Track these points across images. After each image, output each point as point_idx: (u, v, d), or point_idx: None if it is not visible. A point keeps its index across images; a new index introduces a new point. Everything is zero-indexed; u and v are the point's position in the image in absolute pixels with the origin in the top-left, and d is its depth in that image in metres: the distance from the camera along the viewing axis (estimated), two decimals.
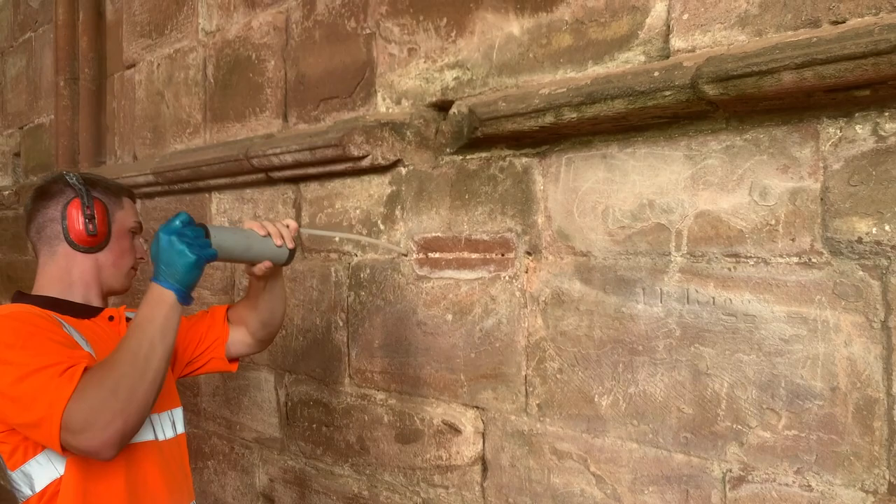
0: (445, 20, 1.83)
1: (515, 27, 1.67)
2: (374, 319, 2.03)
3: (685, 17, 1.38)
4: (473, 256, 1.77)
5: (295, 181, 2.27)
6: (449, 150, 1.80)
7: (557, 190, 1.60)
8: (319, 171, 2.11)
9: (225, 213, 2.59)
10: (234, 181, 2.45)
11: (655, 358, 1.43)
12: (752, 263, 1.30)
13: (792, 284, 1.25)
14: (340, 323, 2.14)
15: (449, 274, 1.82)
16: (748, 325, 1.30)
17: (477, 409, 1.77)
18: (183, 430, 1.51)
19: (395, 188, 1.96)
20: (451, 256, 1.82)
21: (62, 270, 1.38)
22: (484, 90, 1.74)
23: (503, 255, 1.70)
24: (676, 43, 1.39)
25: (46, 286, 1.38)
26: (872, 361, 1.18)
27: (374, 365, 2.04)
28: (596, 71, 1.51)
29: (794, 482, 1.25)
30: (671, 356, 1.41)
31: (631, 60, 1.47)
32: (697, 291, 1.37)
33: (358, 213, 2.07)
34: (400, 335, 1.95)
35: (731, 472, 1.33)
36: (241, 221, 2.50)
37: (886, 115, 1.15)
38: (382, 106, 2.01)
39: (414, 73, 1.92)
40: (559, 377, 1.60)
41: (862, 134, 1.18)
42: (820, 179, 1.22)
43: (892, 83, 1.09)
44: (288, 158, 2.12)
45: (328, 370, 2.19)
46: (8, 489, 1.34)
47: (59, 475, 1.24)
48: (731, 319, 1.33)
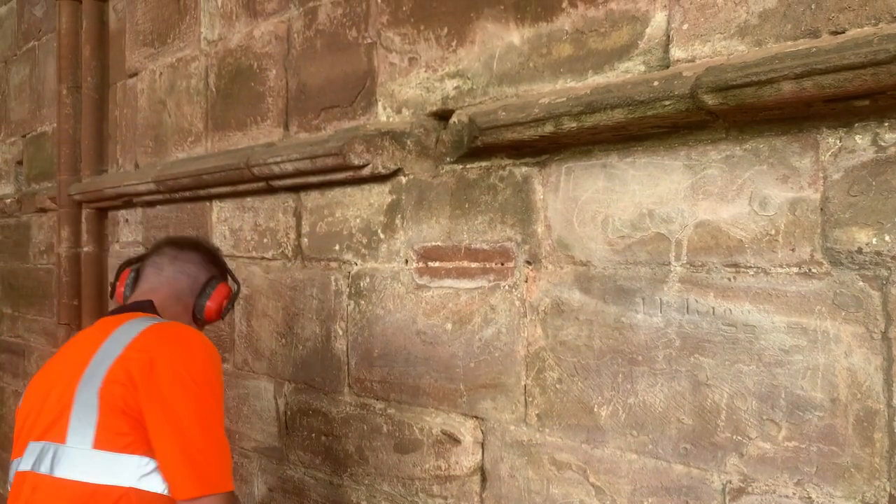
0: (446, 30, 1.84)
1: (516, 37, 1.68)
2: (373, 328, 2.03)
3: (685, 27, 1.38)
4: (473, 266, 1.77)
5: (295, 190, 2.27)
6: (449, 159, 1.80)
7: (557, 199, 1.60)
8: (320, 179, 2.11)
9: (225, 221, 2.59)
10: (234, 190, 2.45)
11: (655, 368, 1.43)
12: (751, 273, 1.30)
13: (792, 295, 1.25)
14: (340, 332, 2.14)
15: (448, 283, 1.82)
16: (748, 335, 1.30)
17: (476, 419, 1.77)
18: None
19: (395, 197, 1.96)
20: (450, 266, 1.82)
21: (175, 314, 1.59)
22: (484, 99, 1.74)
23: (503, 264, 1.70)
24: (676, 53, 1.39)
25: (162, 309, 1.57)
26: (873, 372, 1.17)
27: (373, 374, 2.03)
28: (596, 80, 1.52)
29: (794, 494, 1.24)
30: (671, 366, 1.40)
31: (631, 70, 1.47)
32: (697, 301, 1.37)
33: (358, 221, 2.07)
34: (399, 344, 1.95)
35: (730, 483, 1.32)
36: (241, 230, 2.51)
37: (886, 125, 1.16)
38: (383, 115, 2.02)
39: (414, 82, 1.92)
40: (559, 387, 1.59)
41: (862, 144, 1.18)
42: (820, 189, 1.22)
43: (891, 93, 1.09)
44: (289, 167, 2.13)
45: (328, 379, 2.18)
46: None
47: (164, 492, 1.30)
48: (731, 330, 1.32)
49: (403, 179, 1.94)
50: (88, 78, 3.40)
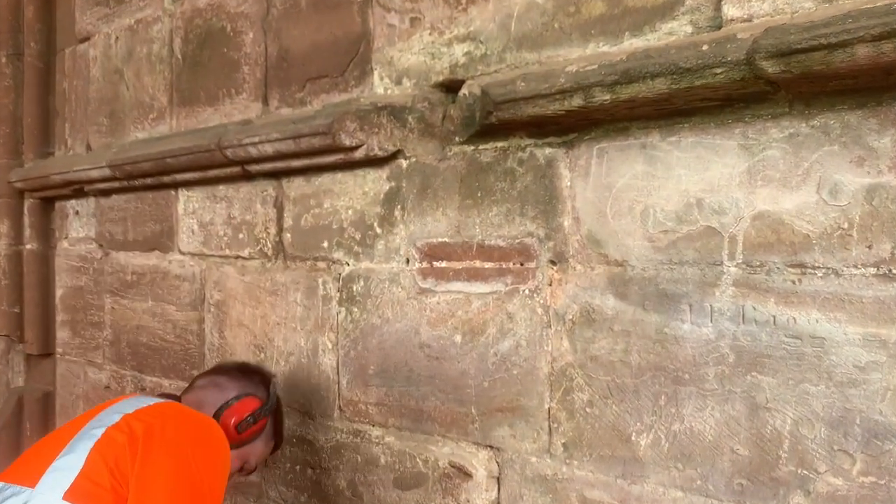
0: None
1: None
2: (368, 341, 2.03)
3: None
4: (487, 266, 1.77)
5: (276, 176, 2.28)
6: (458, 138, 1.81)
7: (587, 187, 1.60)
8: (305, 163, 2.12)
9: (194, 213, 2.60)
10: (204, 176, 2.46)
11: (704, 389, 1.43)
12: (820, 275, 1.29)
13: (869, 301, 1.24)
14: (329, 345, 2.15)
15: (458, 287, 1.82)
16: (816, 349, 1.29)
17: (491, 448, 1.77)
18: None
19: (394, 184, 1.97)
20: (460, 266, 1.82)
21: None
22: (500, 67, 1.74)
23: (522, 264, 1.70)
24: (730, 11, 1.39)
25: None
26: None
27: (368, 395, 2.04)
28: (634, 44, 1.51)
29: None
30: (723, 387, 1.40)
31: (675, 32, 1.47)
32: (755, 309, 1.36)
33: (350, 213, 2.08)
34: (399, 360, 1.96)
35: None
36: (212, 224, 2.52)
37: None
38: (380, 86, 2.02)
39: (417, 47, 1.92)
40: (589, 411, 1.59)
41: None
42: None
43: None
44: (268, 149, 2.13)
45: (314, 401, 2.19)
46: None
47: None
48: (795, 343, 1.32)
49: (404, 163, 1.95)
50: (31, 43, 3.42)
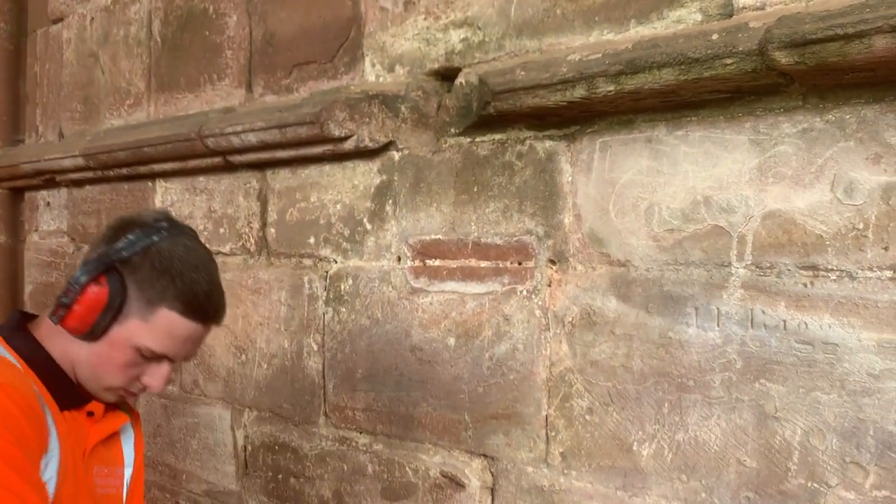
0: None
1: None
2: (357, 343, 2.03)
3: None
4: (483, 265, 1.77)
5: (260, 167, 2.28)
6: (454, 130, 1.81)
7: (589, 182, 1.60)
8: (291, 154, 2.11)
9: (172, 206, 2.60)
10: (184, 166, 2.46)
11: (710, 396, 1.43)
12: (833, 278, 1.30)
13: (884, 305, 1.25)
14: (315, 347, 2.15)
15: (452, 287, 1.82)
16: (828, 355, 1.30)
17: (485, 457, 1.77)
18: None
19: (385, 178, 1.97)
20: (454, 265, 1.82)
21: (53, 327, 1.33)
22: (499, 55, 1.74)
23: (520, 263, 1.71)
24: None
25: (53, 338, 1.33)
26: None
27: (356, 401, 2.04)
28: (640, 32, 1.52)
29: None
30: (730, 394, 1.41)
31: (684, 19, 1.47)
32: (764, 313, 1.37)
33: (339, 208, 2.08)
34: (389, 363, 1.96)
35: None
36: (191, 217, 2.52)
37: None
38: (371, 74, 2.02)
39: (411, 32, 1.92)
40: (589, 419, 1.59)
41: None
42: None
43: None
44: (252, 138, 2.13)
45: (298, 406, 2.19)
46: None
47: None
48: (806, 349, 1.32)
49: (396, 155, 1.95)
50: (1, 24, 3.41)
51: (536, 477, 1.68)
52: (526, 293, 1.70)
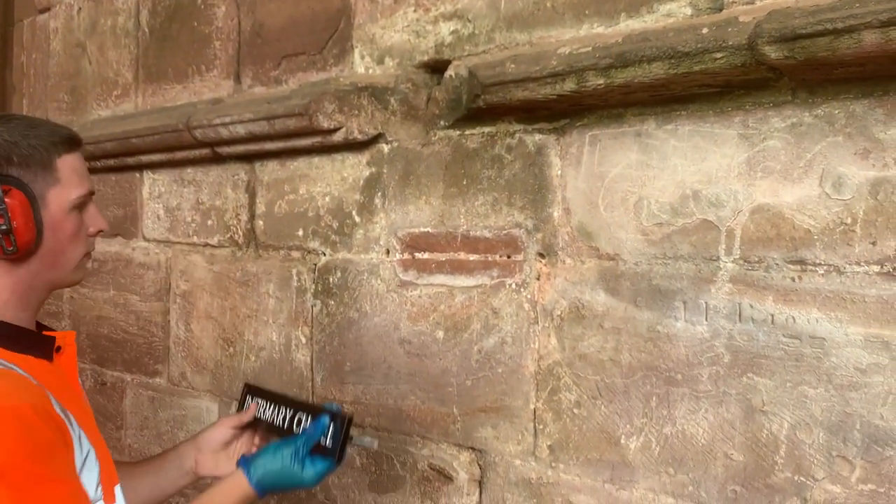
0: None
1: None
2: (345, 336, 2.03)
3: None
4: (472, 258, 1.77)
5: (249, 159, 2.27)
6: (443, 122, 1.80)
7: (579, 176, 1.60)
8: (280, 146, 2.10)
9: (160, 197, 2.58)
10: (172, 158, 2.44)
11: (698, 390, 1.43)
12: (821, 273, 1.30)
13: (871, 300, 1.25)
14: (303, 339, 2.14)
15: (440, 280, 1.82)
16: (815, 350, 1.30)
17: (473, 450, 1.77)
18: None
19: (374, 170, 1.96)
20: (443, 258, 1.82)
21: None
22: (489, 48, 1.74)
23: (509, 256, 1.70)
24: None
25: None
26: None
27: (344, 393, 2.04)
28: (630, 26, 1.51)
29: None
30: (718, 388, 1.41)
31: (674, 13, 1.47)
32: (752, 307, 1.37)
33: (327, 200, 2.07)
34: (377, 356, 1.95)
35: None
36: (179, 209, 2.50)
37: None
38: (361, 66, 2.01)
39: (401, 24, 1.92)
40: (577, 412, 1.60)
41: None
42: None
43: None
44: (240, 130, 2.12)
45: None
46: None
47: None
48: (793, 343, 1.33)
49: (385, 148, 1.94)
50: None
51: (524, 470, 1.68)
52: (515, 286, 1.70)
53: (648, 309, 1.50)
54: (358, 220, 2.00)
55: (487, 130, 1.74)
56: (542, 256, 1.66)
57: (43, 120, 1.36)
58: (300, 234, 2.15)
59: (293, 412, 1.59)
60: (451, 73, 1.73)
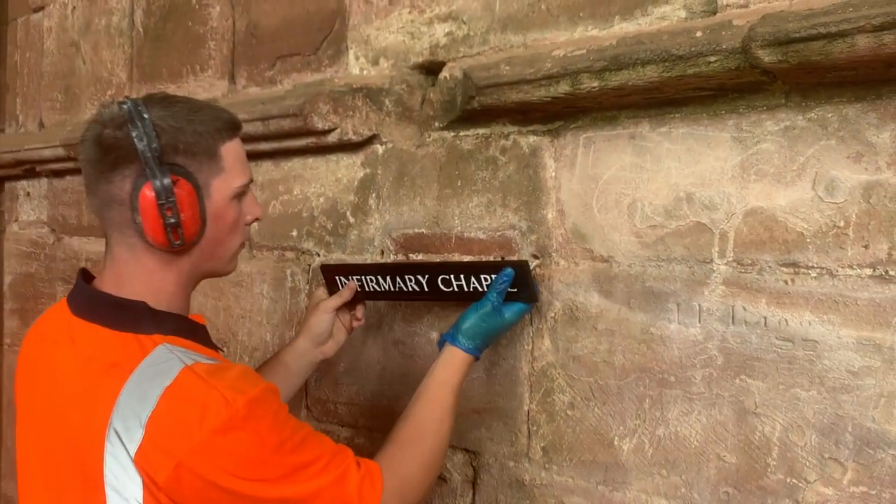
0: None
1: None
2: None
3: None
4: (466, 260, 1.77)
5: None
6: (438, 124, 1.80)
7: (573, 178, 1.60)
8: (274, 147, 2.10)
9: None
10: None
11: (691, 392, 1.43)
12: (814, 276, 1.30)
13: (864, 303, 1.26)
14: None
15: None
16: (808, 352, 1.31)
17: (466, 451, 1.77)
18: None
19: (369, 171, 1.96)
20: (437, 259, 1.82)
21: (147, 271, 1.26)
22: (483, 50, 1.74)
23: (503, 258, 1.70)
24: None
25: (135, 286, 1.25)
26: None
27: (338, 394, 2.03)
28: (624, 29, 1.52)
29: None
30: (711, 390, 1.41)
31: (668, 16, 1.47)
32: (745, 309, 1.37)
33: (322, 201, 2.07)
34: (371, 357, 1.95)
35: None
36: None
37: None
38: (355, 67, 2.01)
39: (396, 25, 1.91)
40: (570, 414, 1.60)
41: None
42: None
43: None
44: None
45: None
46: None
47: None
48: (786, 345, 1.33)
49: (380, 149, 1.94)
50: None
51: (518, 471, 1.68)
52: None
53: (642, 311, 1.50)
54: (352, 220, 2.00)
55: (482, 132, 1.74)
56: (536, 258, 1.66)
57: (204, 102, 1.32)
58: (294, 234, 2.15)
59: (426, 276, 1.65)
60: (445, 74, 1.73)
